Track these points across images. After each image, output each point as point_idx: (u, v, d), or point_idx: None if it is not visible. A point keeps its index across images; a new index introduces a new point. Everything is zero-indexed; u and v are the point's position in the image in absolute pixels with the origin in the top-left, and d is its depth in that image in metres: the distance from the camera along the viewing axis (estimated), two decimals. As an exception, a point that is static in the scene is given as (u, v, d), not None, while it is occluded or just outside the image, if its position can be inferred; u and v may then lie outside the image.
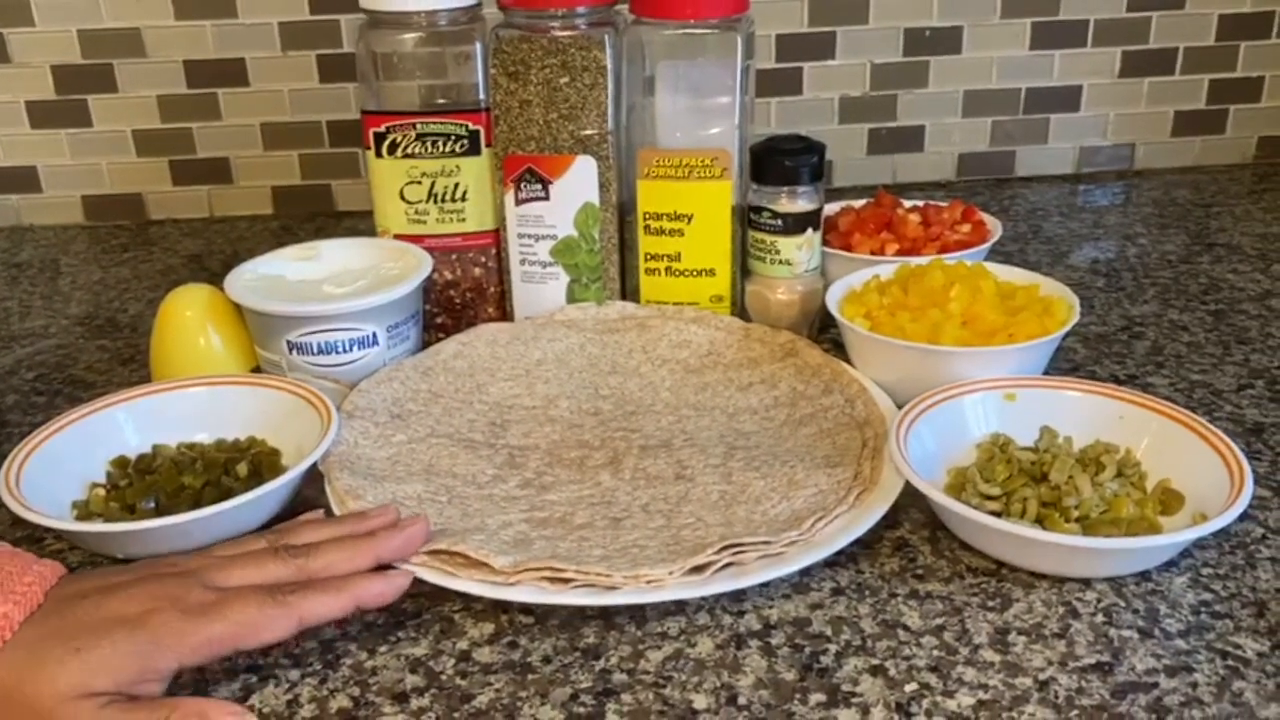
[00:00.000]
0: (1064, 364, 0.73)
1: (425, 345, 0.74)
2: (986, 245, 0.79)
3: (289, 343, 0.66)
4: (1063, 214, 1.05)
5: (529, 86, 0.71)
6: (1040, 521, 0.54)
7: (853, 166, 1.11)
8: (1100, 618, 0.50)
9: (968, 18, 1.07)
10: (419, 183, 0.74)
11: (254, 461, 0.60)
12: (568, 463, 0.62)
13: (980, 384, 0.61)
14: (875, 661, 0.48)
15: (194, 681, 0.48)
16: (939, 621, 0.51)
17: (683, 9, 0.70)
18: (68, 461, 0.60)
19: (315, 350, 0.66)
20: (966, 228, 0.80)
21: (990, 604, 0.52)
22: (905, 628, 0.50)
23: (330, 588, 0.48)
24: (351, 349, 0.67)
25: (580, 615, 0.52)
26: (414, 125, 0.73)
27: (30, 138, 1.07)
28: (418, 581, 0.52)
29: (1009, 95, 1.10)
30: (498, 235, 0.77)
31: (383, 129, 0.73)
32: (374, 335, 0.68)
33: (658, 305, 0.77)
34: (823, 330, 0.79)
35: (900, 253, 0.77)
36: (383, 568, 0.51)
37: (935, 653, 0.49)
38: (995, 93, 1.10)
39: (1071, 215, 1.04)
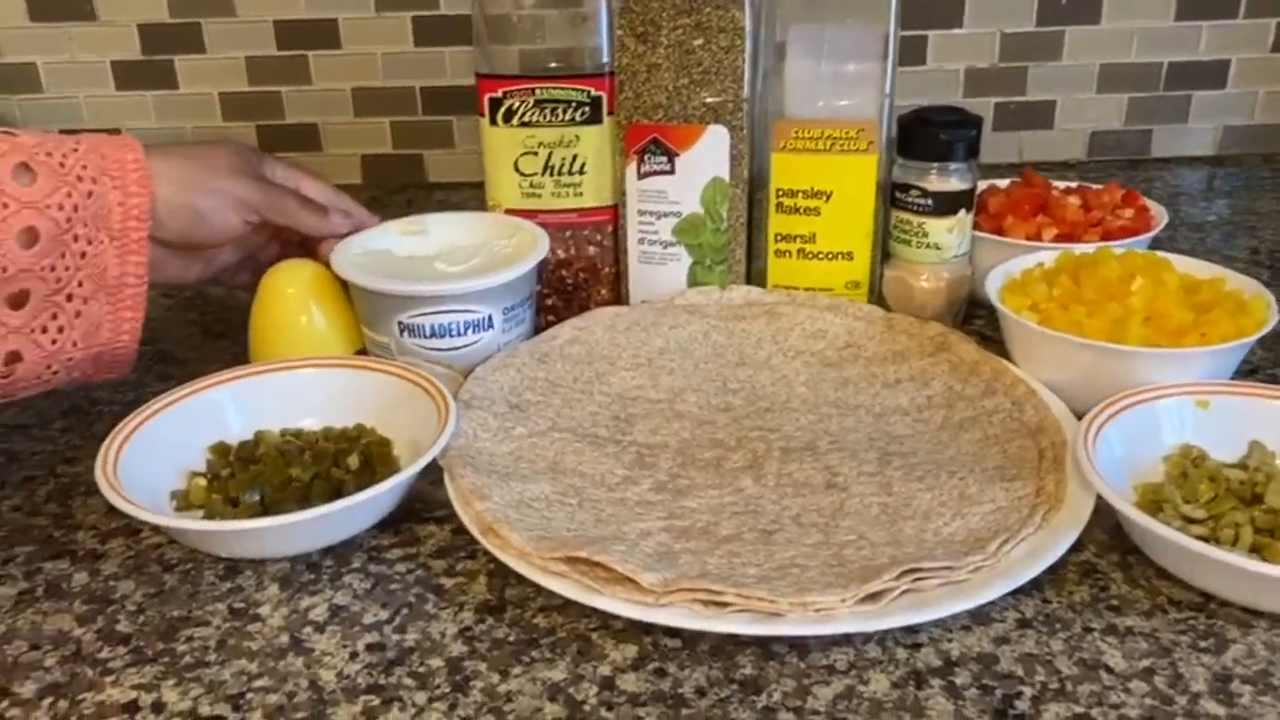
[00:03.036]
0: (1240, 367, 0.66)
1: (536, 330, 0.68)
2: (1151, 233, 0.71)
3: (400, 324, 0.61)
4: (1206, 199, 0.97)
5: (658, 49, 0.65)
6: (1257, 550, 0.47)
7: (975, 144, 1.03)
8: (1336, 667, 0.44)
9: (1110, -16, 0.99)
10: (535, 153, 0.69)
11: (365, 453, 0.55)
12: (703, 464, 0.56)
13: (1173, 389, 0.55)
14: (1079, 709, 0.42)
15: (310, 703, 0.43)
16: (1146, 663, 0.44)
17: (828, -35, 0.64)
18: (166, 447, 0.55)
19: (428, 333, 0.61)
20: (1129, 213, 0.73)
21: (1203, 644, 0.45)
22: (1108, 669, 0.44)
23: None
24: (466, 332, 0.62)
25: (733, 640, 0.46)
26: (533, 91, 0.67)
27: (116, 99, 1.03)
28: (549, 594, 0.47)
29: (1149, 70, 1.02)
30: (616, 212, 0.71)
31: (499, 94, 0.67)
32: (489, 318, 0.62)
33: (787, 291, 0.71)
34: (965, 321, 0.72)
35: (1059, 238, 0.70)
36: None
37: (1148, 701, 0.42)
38: (1134, 67, 1.02)
39: (1217, 200, 0.96)
